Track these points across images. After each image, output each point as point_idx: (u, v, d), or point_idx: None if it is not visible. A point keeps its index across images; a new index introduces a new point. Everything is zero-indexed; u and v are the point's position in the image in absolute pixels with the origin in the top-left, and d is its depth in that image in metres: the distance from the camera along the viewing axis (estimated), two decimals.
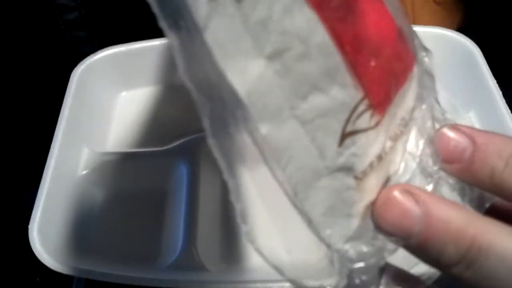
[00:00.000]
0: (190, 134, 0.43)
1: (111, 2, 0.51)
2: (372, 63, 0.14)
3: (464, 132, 0.16)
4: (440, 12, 0.53)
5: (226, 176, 0.14)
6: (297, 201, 0.15)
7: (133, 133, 0.47)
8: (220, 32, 0.12)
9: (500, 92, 0.40)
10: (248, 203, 0.14)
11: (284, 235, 0.16)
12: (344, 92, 0.14)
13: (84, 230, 0.40)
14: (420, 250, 0.15)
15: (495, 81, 0.41)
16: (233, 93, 0.13)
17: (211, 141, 0.13)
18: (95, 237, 0.40)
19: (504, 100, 0.40)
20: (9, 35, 0.51)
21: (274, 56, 0.13)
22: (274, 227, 0.15)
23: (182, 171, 0.41)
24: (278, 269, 0.15)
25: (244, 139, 0.14)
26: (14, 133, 0.54)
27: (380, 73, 0.15)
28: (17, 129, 0.54)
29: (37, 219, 0.35)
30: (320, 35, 0.13)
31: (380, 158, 0.15)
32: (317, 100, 0.14)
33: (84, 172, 0.42)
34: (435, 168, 0.16)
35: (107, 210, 0.42)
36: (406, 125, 0.17)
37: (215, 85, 0.13)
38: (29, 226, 0.35)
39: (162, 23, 0.12)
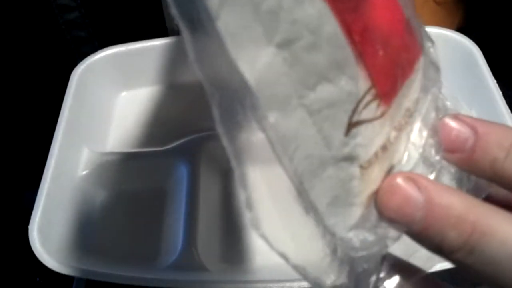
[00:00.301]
0: (190, 134, 0.43)
1: (111, 2, 0.51)
2: (380, 54, 0.15)
3: (466, 122, 0.16)
4: (440, 12, 0.53)
5: (234, 164, 0.14)
6: (303, 190, 0.15)
7: (133, 133, 0.47)
8: (231, 20, 0.12)
9: (500, 92, 0.40)
10: (254, 192, 0.14)
11: (287, 224, 0.16)
12: (351, 82, 0.14)
13: (84, 230, 0.40)
14: (422, 236, 0.15)
15: (495, 81, 0.41)
16: (242, 82, 0.13)
17: (220, 130, 0.13)
18: (95, 237, 0.40)
19: (504, 100, 0.40)
20: (9, 35, 0.51)
21: (283, 45, 0.13)
22: (278, 216, 0.15)
23: (182, 171, 0.41)
24: (282, 255, 0.15)
25: (251, 128, 0.14)
26: (14, 133, 0.54)
27: (388, 63, 0.15)
28: (17, 129, 0.54)
29: (37, 219, 0.35)
30: (330, 25, 0.13)
31: (384, 148, 0.16)
32: (325, 91, 0.14)
33: (84, 172, 0.42)
34: (437, 157, 0.16)
35: (107, 210, 0.42)
36: (410, 115, 0.17)
37: (225, 75, 0.13)
38: (29, 226, 0.35)
39: (174, 11, 0.12)
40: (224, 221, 0.40)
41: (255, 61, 0.13)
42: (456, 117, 0.17)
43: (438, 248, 0.15)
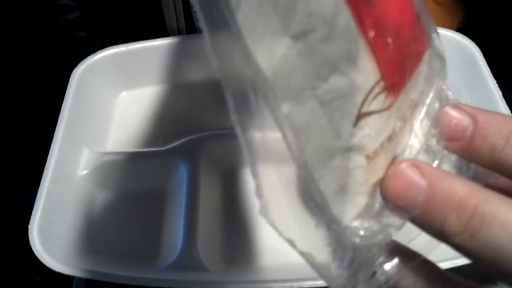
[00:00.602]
0: (190, 134, 0.43)
1: (112, 2, 0.51)
2: (391, 47, 0.15)
3: (466, 111, 0.17)
4: (440, 12, 0.53)
5: (246, 152, 0.14)
6: (311, 180, 0.15)
7: (133, 133, 0.47)
8: (250, 12, 0.12)
9: (500, 92, 0.41)
10: (264, 180, 0.15)
11: (294, 211, 0.16)
12: (362, 74, 0.14)
13: (84, 230, 0.40)
14: (424, 220, 0.15)
15: (495, 81, 0.41)
16: (258, 72, 0.13)
17: (234, 118, 0.14)
18: (95, 237, 0.40)
19: (504, 100, 0.40)
20: (10, 35, 0.51)
21: (299, 36, 0.13)
22: (286, 204, 0.16)
23: (182, 171, 0.41)
24: (290, 242, 0.15)
25: (264, 118, 0.14)
26: (14, 133, 0.54)
27: (397, 56, 0.15)
28: (17, 129, 0.54)
29: (37, 219, 0.35)
30: (344, 18, 0.14)
31: (390, 138, 0.16)
32: (338, 82, 0.14)
33: (84, 172, 0.42)
34: (439, 147, 0.17)
35: (107, 210, 0.42)
36: (415, 106, 0.17)
37: (240, 65, 0.13)
38: (29, 226, 0.35)
39: (195, 2, 0.13)
40: (224, 221, 0.40)
41: (271, 53, 0.13)
42: (456, 106, 0.17)
43: (440, 233, 0.15)
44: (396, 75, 0.15)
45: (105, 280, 0.33)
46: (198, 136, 0.43)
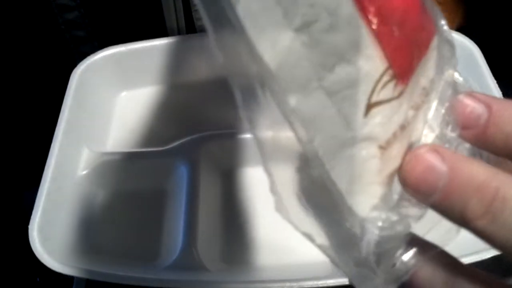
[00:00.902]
0: (190, 134, 0.43)
1: (111, 2, 0.51)
2: (396, 34, 0.15)
3: (480, 99, 0.16)
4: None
5: (259, 149, 0.14)
6: (324, 172, 0.15)
7: (133, 133, 0.47)
8: (252, 5, 0.12)
9: (500, 92, 0.41)
10: (278, 177, 0.15)
11: (310, 206, 0.16)
12: (369, 63, 0.14)
13: (84, 230, 0.40)
14: (444, 205, 0.15)
15: (495, 81, 0.41)
16: (262, 66, 0.13)
17: (243, 114, 0.14)
18: (95, 237, 0.40)
19: None
20: (9, 35, 0.51)
21: (302, 28, 0.13)
22: (301, 199, 0.16)
23: (182, 171, 0.41)
24: (307, 236, 0.15)
25: (272, 113, 0.14)
26: (14, 133, 0.54)
27: (404, 43, 0.15)
28: (17, 129, 0.54)
29: (37, 219, 0.35)
30: (347, 6, 0.13)
31: (403, 127, 0.16)
32: (344, 71, 0.14)
33: (84, 172, 0.42)
34: (454, 135, 0.17)
35: (107, 210, 0.42)
36: (427, 94, 0.17)
37: (245, 60, 0.13)
38: (29, 226, 0.35)
39: (197, 1, 0.13)
40: (224, 221, 0.40)
41: (275, 45, 0.13)
42: (471, 94, 0.17)
43: (461, 217, 0.15)
44: (404, 62, 0.15)
45: (105, 280, 0.33)
46: (198, 136, 0.43)
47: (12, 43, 0.51)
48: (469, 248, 0.30)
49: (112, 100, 0.50)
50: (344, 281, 0.32)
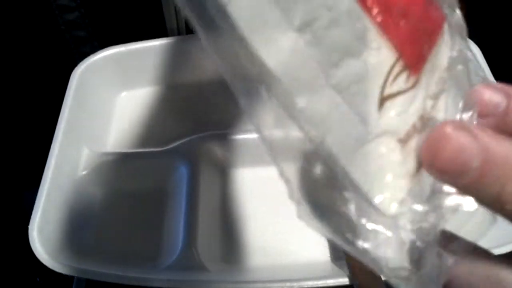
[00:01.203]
0: (190, 134, 0.43)
1: (111, 2, 0.51)
2: (402, 23, 0.14)
3: (498, 88, 0.16)
4: None
5: (272, 158, 0.14)
6: (340, 171, 0.14)
7: (133, 133, 0.47)
8: (248, 9, 0.12)
9: None
10: (295, 183, 0.14)
11: (331, 211, 0.15)
12: (377, 55, 0.14)
13: (84, 230, 0.40)
14: (478, 188, 0.14)
15: (495, 81, 0.41)
16: (264, 69, 0.13)
17: (249, 119, 0.13)
18: (95, 237, 0.40)
19: None
20: (9, 35, 0.51)
21: (304, 27, 0.13)
22: (320, 204, 0.15)
23: (182, 171, 0.41)
24: (336, 242, 0.15)
25: (279, 114, 0.14)
26: (14, 133, 0.54)
27: (412, 32, 0.15)
28: (17, 129, 0.54)
29: (37, 219, 0.35)
30: (346, 0, 0.13)
31: (422, 118, 0.15)
32: (351, 66, 0.14)
33: (84, 172, 0.42)
34: (474, 123, 0.16)
35: (107, 210, 0.42)
36: (444, 82, 0.16)
37: (246, 64, 0.13)
38: (29, 226, 0.35)
39: (182, 5, 0.12)
40: (224, 221, 0.40)
41: (277, 48, 0.13)
42: (488, 84, 0.16)
43: (496, 200, 0.14)
44: (415, 51, 0.15)
45: (105, 280, 0.33)
46: (198, 136, 0.43)
47: (13, 43, 0.51)
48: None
49: (112, 100, 0.50)
50: (344, 281, 0.33)
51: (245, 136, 0.42)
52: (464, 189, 0.14)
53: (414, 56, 0.15)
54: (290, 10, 0.13)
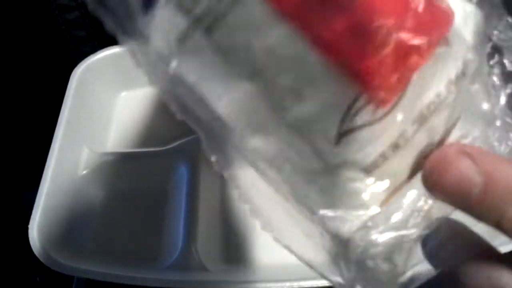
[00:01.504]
0: (190, 134, 0.43)
1: None
2: (370, 53, 0.13)
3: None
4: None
5: (233, 186, 0.15)
6: (298, 198, 0.15)
7: (133, 133, 0.47)
8: (191, 63, 0.13)
9: None
10: (261, 198, 0.15)
11: (292, 224, 0.16)
12: (331, 94, 0.14)
13: (84, 230, 0.40)
14: (478, 212, 0.14)
15: None
16: (215, 116, 0.13)
17: (213, 159, 0.15)
18: (95, 237, 0.40)
19: None
20: (9, 35, 0.51)
21: (254, 76, 0.13)
22: (284, 217, 0.16)
23: (182, 171, 0.41)
24: (305, 262, 0.16)
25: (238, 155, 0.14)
26: (14, 133, 0.54)
27: (384, 61, 0.13)
28: (17, 129, 0.54)
29: (37, 219, 0.35)
30: (298, 45, 0.13)
31: (396, 146, 0.15)
32: (304, 108, 0.14)
33: (84, 172, 0.42)
34: (476, 145, 0.16)
35: (107, 210, 0.42)
36: (445, 99, 0.15)
37: (203, 114, 0.14)
38: (29, 226, 0.35)
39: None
40: (224, 221, 0.40)
41: (227, 97, 0.13)
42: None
43: (497, 225, 0.14)
44: (385, 83, 0.14)
45: (105, 280, 0.33)
46: (198, 136, 0.42)
47: (13, 43, 0.51)
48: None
49: (112, 100, 0.50)
50: None
51: None
52: (464, 211, 0.14)
53: (383, 88, 0.14)
54: (238, 61, 0.13)
